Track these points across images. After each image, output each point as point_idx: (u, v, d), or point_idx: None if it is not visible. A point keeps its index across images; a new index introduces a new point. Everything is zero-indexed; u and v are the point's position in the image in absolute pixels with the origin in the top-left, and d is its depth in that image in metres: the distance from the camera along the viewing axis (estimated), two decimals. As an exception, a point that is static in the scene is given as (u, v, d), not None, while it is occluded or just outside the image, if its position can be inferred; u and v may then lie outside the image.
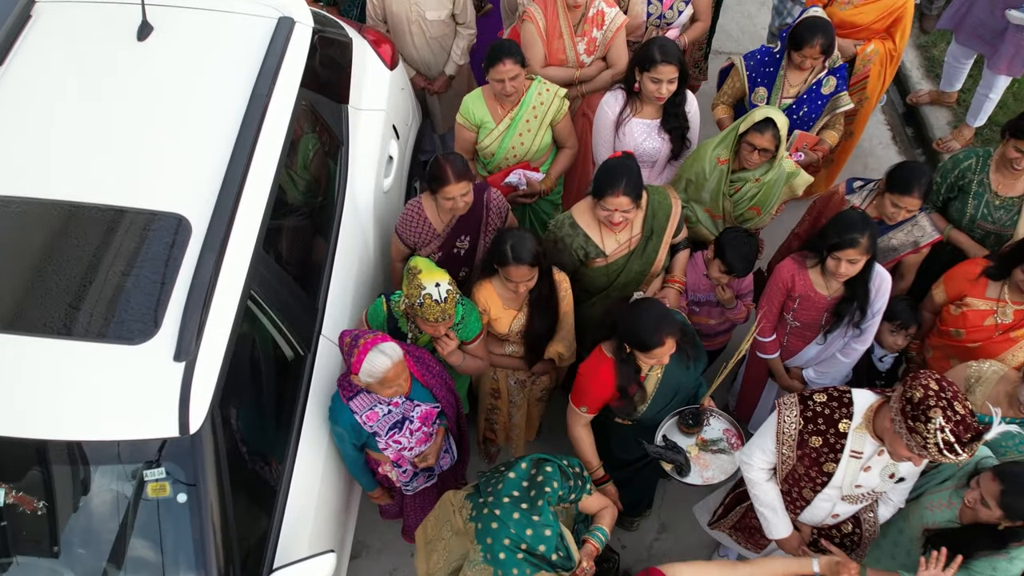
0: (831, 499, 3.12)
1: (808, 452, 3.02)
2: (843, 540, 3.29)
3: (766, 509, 3.15)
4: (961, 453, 2.63)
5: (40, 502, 2.94)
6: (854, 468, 3.00)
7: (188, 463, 2.91)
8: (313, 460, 3.47)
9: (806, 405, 3.04)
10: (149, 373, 2.89)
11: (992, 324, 3.72)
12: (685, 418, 3.62)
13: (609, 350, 3.43)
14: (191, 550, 2.92)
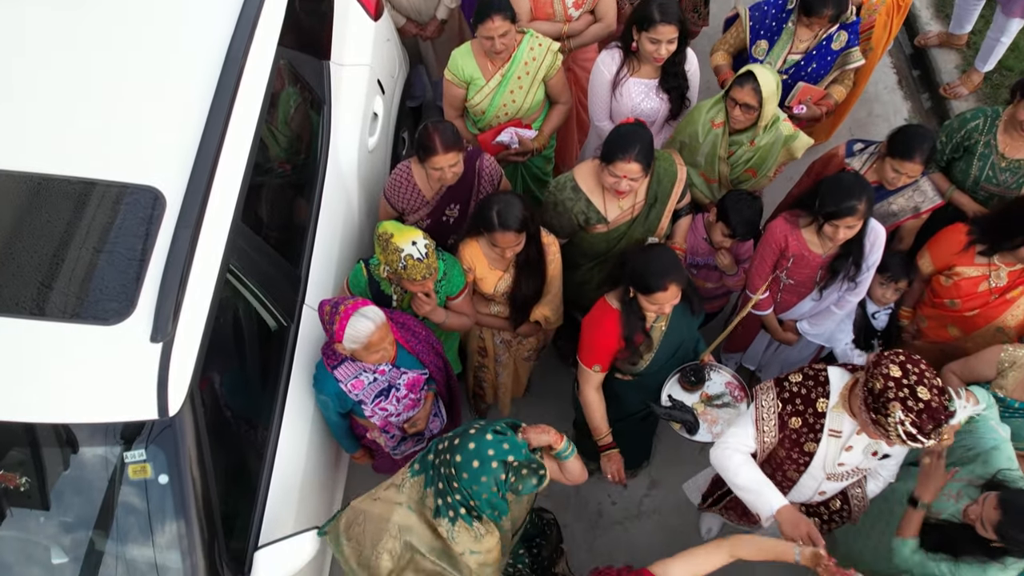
0: (816, 478, 3.10)
1: (788, 434, 2.99)
2: (832, 516, 3.29)
3: (750, 494, 3.04)
4: (925, 441, 2.60)
5: (23, 479, 2.92)
6: (835, 447, 2.97)
7: (169, 445, 2.87)
8: (298, 435, 3.44)
9: (782, 387, 3.01)
10: (125, 355, 2.82)
11: (987, 289, 3.67)
12: (687, 375, 3.59)
13: (614, 299, 3.38)
14: (174, 530, 2.91)
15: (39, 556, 2.93)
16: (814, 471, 3.06)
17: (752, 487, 2.99)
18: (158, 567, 2.91)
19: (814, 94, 4.33)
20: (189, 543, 2.90)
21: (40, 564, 2.93)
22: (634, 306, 3.30)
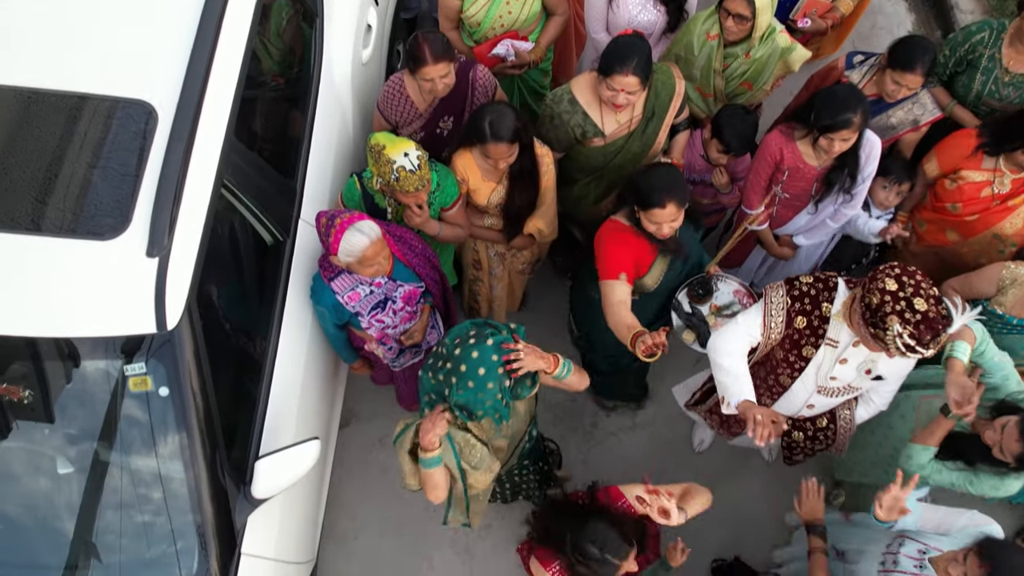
0: (807, 388, 3.14)
1: (791, 333, 3.01)
2: (816, 434, 3.34)
3: (727, 377, 3.04)
4: (924, 352, 2.64)
5: (26, 392, 2.97)
6: (830, 357, 3.00)
7: (168, 358, 2.91)
8: (296, 347, 3.48)
9: (792, 286, 3.02)
10: (122, 269, 2.83)
11: (989, 195, 3.67)
12: (695, 288, 3.61)
13: (624, 218, 3.40)
14: (176, 442, 2.97)
15: (45, 467, 3.00)
16: (806, 379, 3.10)
17: (732, 373, 3.01)
18: (161, 477, 2.98)
19: (819, 6, 4.24)
20: (191, 454, 2.96)
21: (46, 475, 2.99)
22: (642, 224, 3.30)
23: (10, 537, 3.01)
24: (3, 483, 3.01)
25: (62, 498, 3.00)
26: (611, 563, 2.75)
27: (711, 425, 3.78)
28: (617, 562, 2.76)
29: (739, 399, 2.93)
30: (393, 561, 4.29)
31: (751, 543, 4.27)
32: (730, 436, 3.69)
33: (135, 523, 3.00)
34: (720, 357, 3.04)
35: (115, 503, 2.99)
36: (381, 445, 4.49)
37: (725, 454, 4.44)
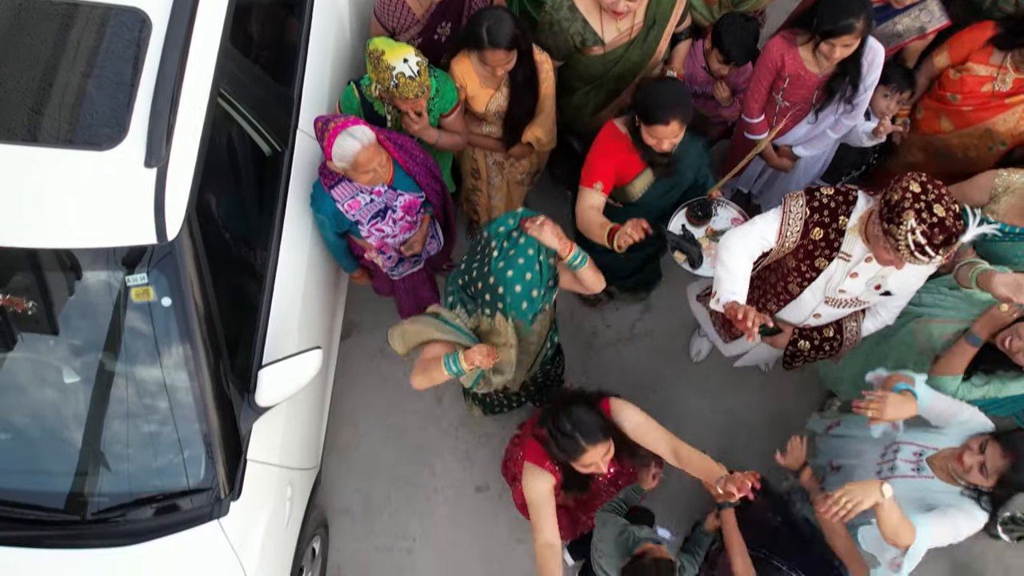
0: (815, 298, 3.17)
1: (806, 244, 3.02)
2: (822, 343, 3.36)
3: (726, 272, 3.00)
4: (933, 255, 2.66)
5: (29, 303, 3.00)
6: (841, 270, 3.03)
7: (169, 269, 2.93)
8: (296, 258, 3.49)
9: (812, 196, 3.02)
10: (121, 180, 2.83)
11: (989, 91, 3.68)
12: (694, 210, 3.60)
13: (622, 125, 3.38)
14: (180, 352, 3.01)
15: (51, 377, 3.04)
16: (815, 290, 3.12)
17: (732, 271, 2.98)
18: (167, 386, 3.03)
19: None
20: (195, 363, 3.00)
21: (53, 385, 3.04)
22: (640, 135, 3.28)
23: (20, 446, 3.07)
24: (11, 393, 3.05)
25: (69, 408, 3.05)
26: (578, 443, 2.82)
27: (713, 323, 3.79)
28: (584, 444, 2.82)
29: (729, 298, 2.92)
30: (395, 468, 4.39)
31: (747, 452, 4.36)
32: (730, 338, 3.71)
33: (142, 432, 3.06)
34: (727, 254, 3.03)
35: (122, 412, 3.04)
36: (382, 356, 4.55)
37: (722, 365, 4.49)
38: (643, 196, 3.52)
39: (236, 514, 3.14)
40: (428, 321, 3.05)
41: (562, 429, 2.84)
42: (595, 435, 2.84)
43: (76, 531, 3.06)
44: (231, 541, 3.13)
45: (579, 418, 2.85)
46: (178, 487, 3.08)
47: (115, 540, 3.06)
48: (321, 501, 4.14)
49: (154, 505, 3.07)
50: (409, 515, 4.31)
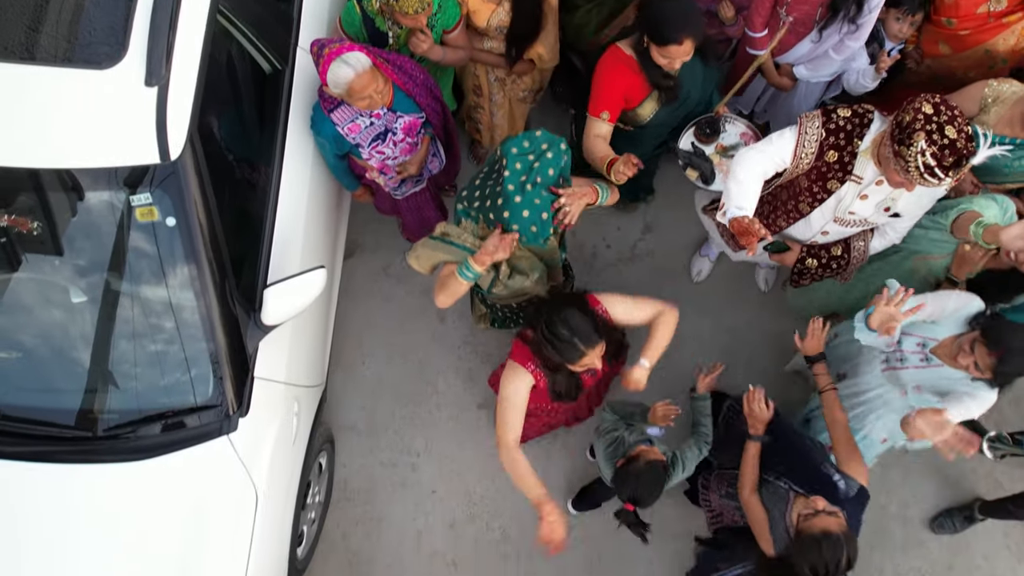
0: (824, 217, 3.19)
1: (820, 165, 3.03)
2: (829, 262, 3.38)
3: (738, 187, 2.99)
4: (943, 177, 2.67)
5: (35, 223, 3.02)
6: (852, 192, 3.04)
7: (173, 188, 2.94)
8: (299, 177, 3.49)
9: (829, 118, 3.01)
10: (121, 99, 2.82)
11: (985, 12, 3.63)
12: (702, 128, 3.59)
13: (627, 47, 3.33)
14: (185, 271, 3.04)
15: (59, 297, 3.08)
16: (825, 210, 3.14)
17: (744, 186, 2.98)
18: (174, 306, 3.07)
19: None
20: (201, 282, 3.04)
21: (61, 304, 3.08)
22: (648, 55, 3.24)
23: (32, 365, 3.13)
24: (21, 313, 3.10)
25: (78, 327, 3.10)
26: (577, 347, 2.83)
27: (721, 234, 3.80)
28: (583, 348, 2.83)
29: (737, 213, 2.92)
30: (400, 386, 4.46)
31: (748, 371, 4.42)
32: (738, 248, 3.73)
33: (150, 350, 3.11)
34: (741, 169, 3.01)
35: (130, 331, 3.09)
36: (386, 275, 4.58)
37: (722, 285, 4.53)
38: (653, 118, 3.49)
39: (245, 430, 3.21)
40: (436, 245, 3.06)
41: (559, 335, 2.83)
42: (592, 337, 2.84)
43: (89, 447, 3.14)
44: (240, 456, 3.21)
45: (574, 322, 2.84)
46: (187, 404, 3.15)
47: (127, 455, 3.14)
48: (327, 418, 4.23)
49: (164, 421, 3.15)
50: (413, 431, 4.40)
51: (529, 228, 2.93)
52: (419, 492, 4.33)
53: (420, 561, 4.27)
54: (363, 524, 4.31)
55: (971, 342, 2.86)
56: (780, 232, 3.38)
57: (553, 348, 2.86)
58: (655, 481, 3.07)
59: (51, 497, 3.14)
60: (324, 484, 4.14)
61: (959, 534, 4.25)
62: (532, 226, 2.93)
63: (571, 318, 2.84)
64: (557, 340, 2.84)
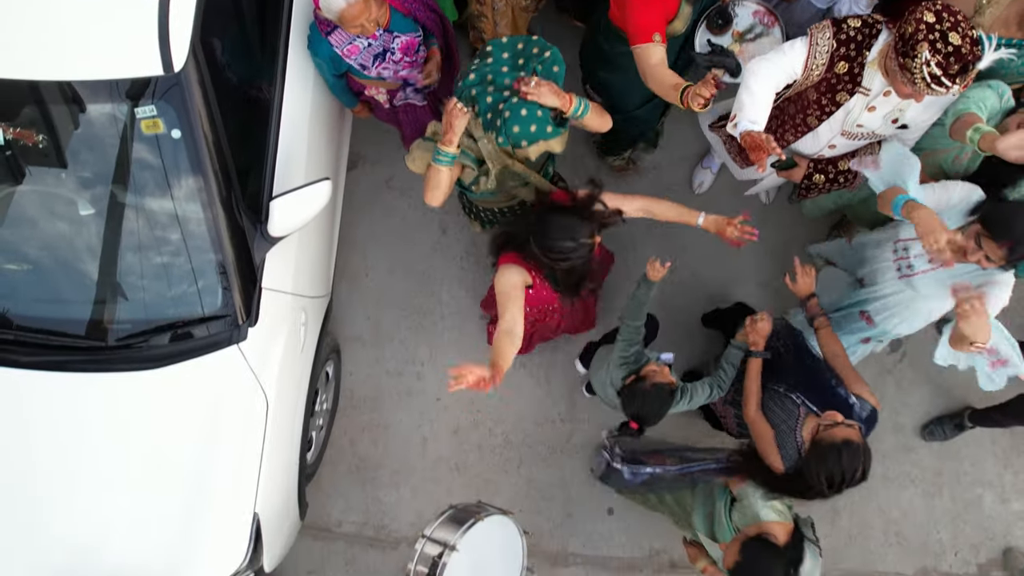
0: (832, 130, 3.18)
1: (829, 77, 3.01)
2: (837, 176, 3.39)
3: (750, 97, 2.95)
4: (950, 85, 2.67)
5: (40, 136, 3.03)
6: (860, 105, 3.04)
7: (177, 101, 2.96)
8: (301, 90, 3.49)
9: (839, 28, 2.98)
10: (123, 10, 2.82)
11: None
12: (712, 20, 3.52)
13: None
14: (191, 183, 3.07)
15: (67, 209, 3.13)
16: (833, 123, 3.13)
17: (756, 97, 2.95)
18: (182, 218, 3.11)
19: None
20: (207, 194, 3.08)
21: (69, 217, 3.13)
22: None
23: (46, 276, 3.20)
24: (31, 226, 3.15)
25: (87, 239, 3.15)
26: (586, 244, 2.88)
27: (729, 151, 3.79)
28: (589, 240, 2.88)
29: (749, 126, 2.88)
30: (404, 297, 4.53)
31: (748, 284, 4.49)
32: (745, 164, 3.73)
33: (159, 262, 3.17)
34: (754, 79, 2.98)
35: (139, 243, 3.15)
36: (388, 187, 4.60)
37: (723, 197, 4.54)
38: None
39: (254, 339, 3.30)
40: (428, 145, 3.05)
41: (562, 248, 2.86)
42: (586, 227, 2.88)
43: (104, 356, 3.22)
44: (250, 364, 3.30)
45: (565, 227, 2.87)
46: (197, 314, 3.22)
47: (140, 364, 3.23)
48: (333, 329, 4.31)
49: (175, 331, 3.22)
50: (418, 341, 4.49)
51: (529, 128, 2.92)
52: (424, 400, 4.44)
53: (425, 466, 4.41)
54: (369, 431, 4.43)
55: (976, 236, 2.87)
56: (788, 147, 3.38)
57: (568, 261, 2.90)
58: (661, 403, 3.16)
59: (67, 405, 3.24)
60: (331, 392, 4.25)
61: (948, 441, 4.38)
62: (532, 125, 2.93)
63: (560, 226, 2.87)
64: (567, 252, 2.88)
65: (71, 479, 3.25)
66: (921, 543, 4.38)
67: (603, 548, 4.37)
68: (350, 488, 4.41)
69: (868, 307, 3.48)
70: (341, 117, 4.00)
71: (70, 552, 3.24)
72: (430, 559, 2.92)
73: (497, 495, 4.37)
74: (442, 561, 2.88)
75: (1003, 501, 4.38)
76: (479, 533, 2.97)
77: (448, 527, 3.02)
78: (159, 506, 3.24)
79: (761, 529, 2.98)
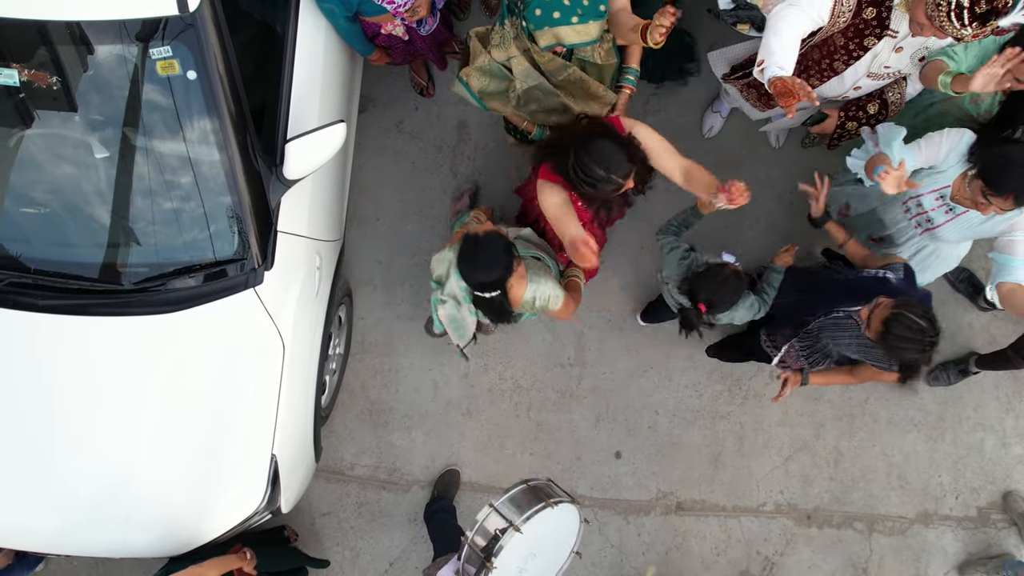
0: (858, 73, 3.17)
1: (857, 23, 2.99)
2: (868, 120, 3.38)
3: (778, 44, 2.88)
4: (966, 23, 2.65)
5: (54, 78, 3.01)
6: (888, 47, 3.02)
7: (193, 42, 2.93)
8: (314, 29, 3.45)
9: None
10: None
11: None
12: None
13: None
14: (208, 125, 3.05)
15: (81, 152, 3.12)
16: (859, 66, 3.12)
17: (784, 41, 2.89)
18: (197, 160, 3.11)
19: None
20: (223, 137, 3.06)
21: (82, 161, 3.13)
22: None
23: (58, 220, 3.20)
24: (44, 169, 3.14)
25: (102, 183, 3.15)
26: (615, 181, 2.87)
27: (747, 98, 3.77)
28: (621, 180, 2.88)
29: (777, 72, 2.82)
30: (414, 241, 4.53)
31: (755, 228, 4.50)
32: (766, 109, 3.72)
33: (176, 206, 3.18)
34: (781, 22, 2.93)
35: (155, 187, 3.15)
36: (399, 131, 4.57)
37: (733, 141, 4.53)
38: None
39: (270, 282, 3.31)
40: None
41: (593, 174, 2.85)
42: (626, 166, 2.87)
43: (121, 299, 3.24)
44: (267, 308, 3.31)
45: (607, 155, 2.85)
46: (214, 258, 3.23)
47: (158, 308, 3.26)
48: (345, 273, 4.32)
49: (193, 275, 3.24)
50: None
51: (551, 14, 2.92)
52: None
53: (436, 410, 4.46)
54: (381, 375, 4.47)
55: (981, 193, 2.90)
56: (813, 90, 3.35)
57: (590, 185, 2.88)
58: (736, 290, 3.17)
59: (87, 348, 3.27)
60: (344, 336, 4.28)
61: (952, 386, 4.43)
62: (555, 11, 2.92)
63: (602, 151, 2.85)
64: (593, 179, 2.86)
65: (93, 421, 3.29)
66: (923, 487, 4.46)
67: (611, 491, 4.44)
68: (363, 432, 4.46)
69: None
70: (353, 58, 3.95)
71: (97, 488, 3.30)
72: (490, 534, 2.80)
73: (508, 439, 4.43)
74: (501, 540, 2.76)
75: (1004, 445, 4.45)
76: (545, 518, 2.85)
77: (516, 506, 2.86)
78: (180, 447, 3.29)
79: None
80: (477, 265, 2.99)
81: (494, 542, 2.78)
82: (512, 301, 3.10)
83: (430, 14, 3.66)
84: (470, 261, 3.00)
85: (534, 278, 3.16)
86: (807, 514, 4.41)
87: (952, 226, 3.18)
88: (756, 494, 4.39)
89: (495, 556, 2.75)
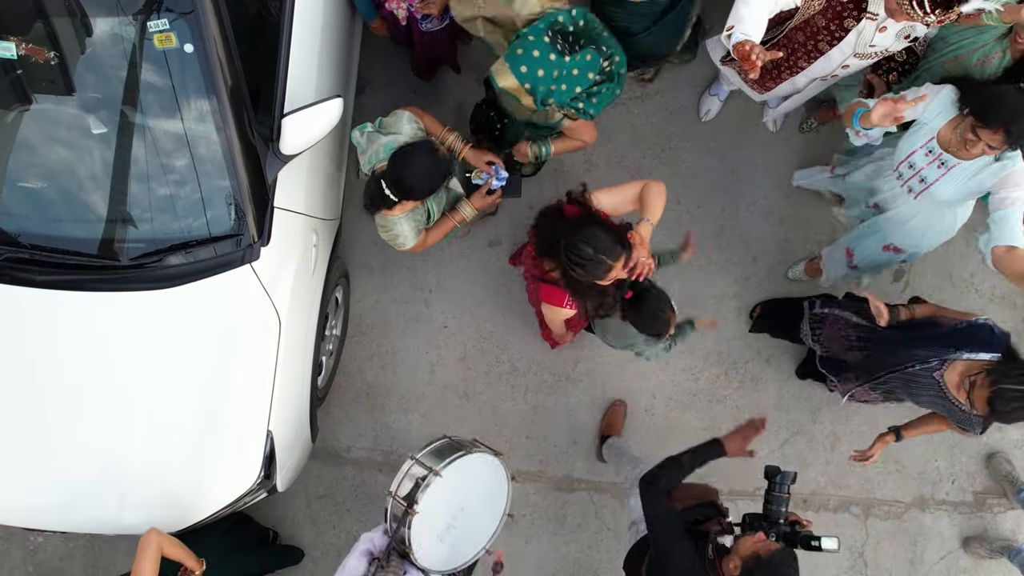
0: (844, 53, 3.19)
1: (833, 4, 3.01)
2: (899, 68, 3.42)
3: (748, 10, 2.91)
4: (929, 11, 2.70)
5: (51, 52, 3.00)
6: (870, 29, 3.04)
7: (191, 15, 2.93)
8: (312, 6, 3.44)
9: None
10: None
11: None
12: None
13: None
14: (204, 99, 3.06)
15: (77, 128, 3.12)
16: (844, 46, 3.14)
17: (753, 7, 2.92)
18: (191, 135, 3.11)
19: None
20: (220, 110, 3.07)
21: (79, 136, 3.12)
22: None
23: (55, 196, 3.20)
24: (41, 144, 3.14)
25: (99, 158, 3.14)
26: (604, 263, 2.90)
27: (744, 80, 3.77)
28: (610, 262, 2.91)
29: (743, 37, 2.85)
30: (411, 224, 4.51)
31: (751, 211, 4.50)
32: (764, 91, 3.73)
33: (173, 181, 3.17)
34: None
35: (151, 162, 3.14)
36: (396, 113, 4.56)
37: (729, 125, 4.52)
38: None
39: (266, 259, 3.31)
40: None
41: (584, 255, 2.89)
42: (615, 249, 2.92)
43: (118, 275, 3.24)
44: (263, 283, 3.31)
45: (595, 239, 2.90)
46: (211, 233, 3.23)
47: (154, 283, 3.25)
48: (342, 255, 4.31)
49: (190, 250, 3.23)
50: (425, 268, 4.49)
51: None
52: (431, 327, 4.47)
53: (433, 393, 4.46)
54: (378, 357, 4.47)
55: (971, 128, 2.91)
56: (803, 71, 3.38)
57: (582, 271, 2.94)
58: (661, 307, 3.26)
59: (84, 323, 3.26)
60: (340, 318, 4.27)
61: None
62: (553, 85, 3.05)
63: (591, 237, 2.90)
64: (584, 261, 2.90)
65: (89, 396, 3.28)
66: (919, 471, 4.46)
67: (607, 474, 4.44)
68: (359, 414, 4.46)
69: (894, 240, 3.51)
70: (351, 35, 3.95)
71: (92, 463, 3.29)
72: (415, 479, 2.98)
73: (505, 422, 4.44)
74: (424, 483, 2.92)
75: (1001, 430, 4.44)
76: (466, 467, 3.04)
77: (437, 455, 3.07)
78: (175, 422, 3.29)
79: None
80: (411, 169, 3.11)
81: (415, 489, 2.93)
82: (386, 208, 3.22)
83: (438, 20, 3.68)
84: (408, 161, 3.11)
85: (411, 215, 3.28)
86: (803, 498, 4.40)
87: (946, 182, 3.18)
88: (752, 478, 4.39)
89: (417, 502, 2.90)
